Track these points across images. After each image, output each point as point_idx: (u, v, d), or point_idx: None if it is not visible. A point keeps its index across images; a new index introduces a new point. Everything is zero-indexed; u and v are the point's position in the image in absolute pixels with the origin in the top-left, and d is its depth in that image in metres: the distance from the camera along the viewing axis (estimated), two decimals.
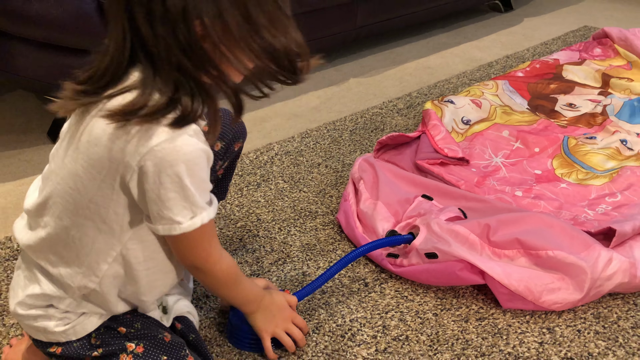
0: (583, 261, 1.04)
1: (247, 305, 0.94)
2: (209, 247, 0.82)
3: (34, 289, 0.83)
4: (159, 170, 0.71)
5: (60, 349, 0.84)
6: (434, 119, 1.51)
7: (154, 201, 0.74)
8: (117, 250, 0.80)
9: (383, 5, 2.05)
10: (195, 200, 0.75)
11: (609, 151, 1.47)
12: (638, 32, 1.95)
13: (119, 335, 0.85)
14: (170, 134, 0.70)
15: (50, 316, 0.83)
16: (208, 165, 0.76)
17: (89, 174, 0.75)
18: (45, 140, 1.65)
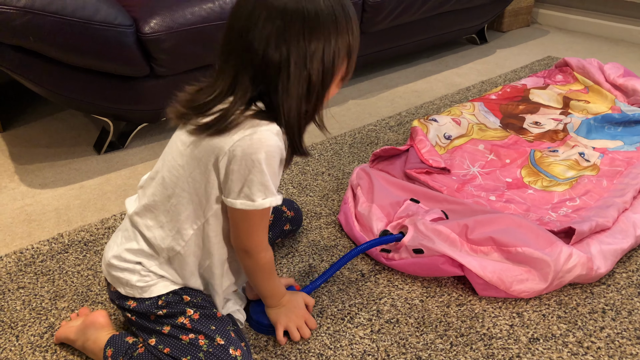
0: (547, 256, 1.03)
1: (271, 298, 0.95)
2: (262, 234, 0.85)
3: (132, 245, 0.88)
4: (246, 155, 0.77)
5: (135, 304, 0.88)
6: (421, 134, 1.50)
7: (238, 180, 0.79)
8: (202, 221, 0.85)
9: (376, 39, 2.05)
10: (268, 184, 0.79)
11: (569, 162, 1.46)
12: (593, 61, 1.93)
13: (183, 301, 0.88)
14: (258, 129, 0.77)
15: (135, 271, 0.88)
16: (280, 164, 0.81)
17: (194, 154, 0.81)
18: (92, 152, 1.65)
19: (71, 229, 1.27)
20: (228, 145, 0.77)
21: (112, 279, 0.90)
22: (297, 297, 0.98)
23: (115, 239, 0.92)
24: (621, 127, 1.64)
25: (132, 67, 1.48)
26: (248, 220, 0.82)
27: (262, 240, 0.86)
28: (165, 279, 0.88)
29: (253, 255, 0.86)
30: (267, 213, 0.83)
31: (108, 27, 1.38)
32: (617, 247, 1.12)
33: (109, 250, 0.91)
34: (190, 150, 0.82)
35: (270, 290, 0.93)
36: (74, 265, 1.16)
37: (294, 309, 0.96)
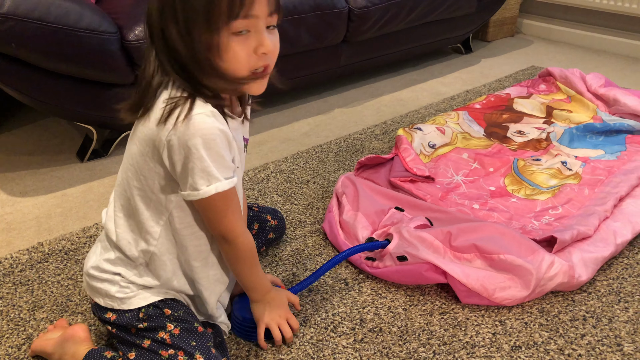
0: (529, 264, 1.04)
1: (255, 292, 0.93)
2: (232, 218, 0.83)
3: (109, 255, 0.87)
4: (181, 143, 0.74)
5: (114, 316, 0.87)
6: (405, 143, 1.51)
7: (180, 170, 0.77)
8: (166, 216, 0.83)
9: (363, 48, 2.06)
10: (210, 170, 0.76)
11: (552, 171, 1.47)
12: (575, 71, 1.96)
13: (164, 315, 0.86)
14: (190, 113, 0.74)
15: (115, 282, 0.86)
16: (228, 145, 0.78)
17: (140, 150, 0.80)
18: (74, 159, 1.64)
19: (52, 238, 1.26)
20: (164, 136, 0.75)
21: (91, 291, 0.89)
22: (282, 295, 0.97)
23: (94, 249, 0.91)
24: (602, 137, 1.66)
25: (116, 75, 1.47)
26: (211, 208, 0.81)
27: (235, 223, 0.83)
28: (146, 289, 0.87)
29: (230, 240, 0.84)
30: (227, 196, 0.80)
31: (92, 34, 1.38)
32: (598, 255, 1.13)
33: (88, 261, 0.90)
34: (135, 147, 0.81)
35: (253, 282, 0.92)
36: (54, 275, 1.14)
37: (277, 308, 0.95)
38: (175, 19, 0.73)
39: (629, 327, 1.00)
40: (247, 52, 0.75)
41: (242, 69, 0.76)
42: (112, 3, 1.61)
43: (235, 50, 0.74)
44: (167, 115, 0.74)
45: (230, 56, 0.75)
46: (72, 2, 1.36)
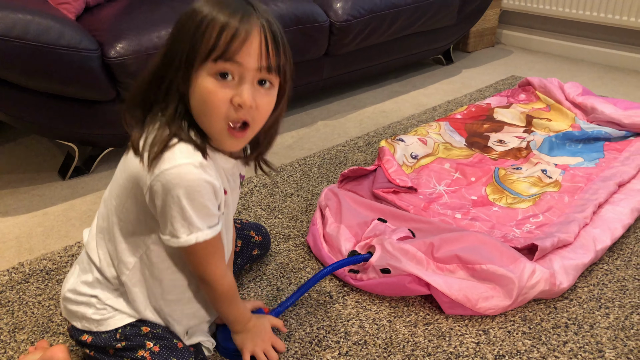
0: (511, 273, 1.05)
1: (236, 324, 0.93)
2: (213, 263, 0.82)
3: (87, 277, 0.87)
4: (165, 190, 0.74)
5: (90, 338, 0.86)
6: (388, 154, 1.52)
7: (161, 215, 0.76)
8: (143, 249, 0.83)
9: (345, 60, 2.08)
10: (192, 221, 0.75)
11: (532, 179, 1.49)
12: (554, 80, 1.99)
13: (142, 333, 0.85)
14: (177, 162, 0.73)
15: (91, 305, 0.86)
16: (214, 196, 0.77)
17: (124, 184, 0.80)
18: (56, 177, 1.62)
19: (33, 258, 1.24)
20: (149, 180, 0.74)
21: (68, 314, 0.88)
22: (264, 320, 0.97)
23: (73, 271, 0.91)
24: (581, 144, 1.69)
25: (97, 91, 1.47)
26: (193, 254, 0.80)
27: (215, 269, 0.83)
28: (122, 312, 0.86)
29: (210, 284, 0.84)
30: (210, 244, 0.79)
31: (73, 52, 1.37)
32: (579, 262, 1.14)
33: (66, 283, 0.89)
34: (122, 179, 0.81)
35: (233, 316, 0.92)
36: (35, 296, 1.13)
37: (260, 333, 0.95)
38: (163, 59, 0.75)
39: (610, 333, 1.01)
40: (224, 97, 0.73)
41: (215, 115, 0.74)
42: (92, 20, 1.61)
43: (210, 90, 0.72)
44: (152, 160, 0.73)
45: (203, 96, 0.73)
46: (52, 20, 1.35)
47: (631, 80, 2.41)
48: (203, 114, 0.75)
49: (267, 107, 0.78)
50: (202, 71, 0.72)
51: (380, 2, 2.02)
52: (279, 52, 0.75)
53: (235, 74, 0.73)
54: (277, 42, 0.75)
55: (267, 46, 0.73)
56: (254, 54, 0.72)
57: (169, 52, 0.75)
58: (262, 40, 0.73)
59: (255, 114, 0.76)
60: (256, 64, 0.73)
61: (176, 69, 0.73)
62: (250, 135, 0.79)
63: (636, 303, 1.08)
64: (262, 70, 0.74)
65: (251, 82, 0.74)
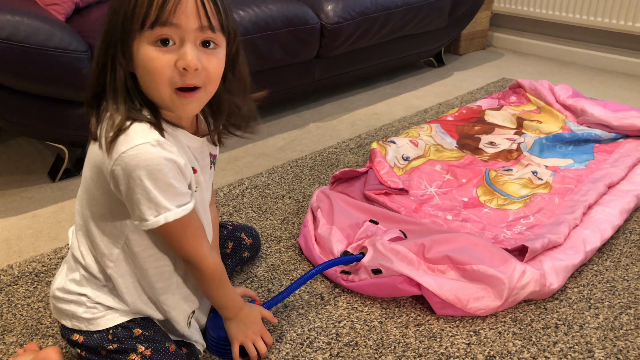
0: (502, 273, 1.06)
1: (227, 310, 0.92)
2: (193, 242, 0.80)
3: (75, 275, 0.86)
4: (126, 174, 0.72)
5: (82, 338, 0.85)
6: (379, 156, 1.52)
7: (127, 200, 0.75)
8: (123, 240, 0.81)
9: (336, 63, 2.08)
10: (158, 201, 0.73)
11: (523, 181, 1.50)
12: (544, 83, 2.01)
13: (133, 336, 0.84)
14: (134, 143, 0.71)
15: (81, 303, 0.85)
16: (179, 174, 0.75)
17: (90, 176, 0.79)
18: (46, 179, 1.61)
19: (22, 260, 1.23)
20: (109, 166, 0.72)
21: (58, 313, 0.87)
22: (255, 311, 0.96)
23: (61, 270, 0.90)
24: (571, 146, 1.70)
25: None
26: (168, 235, 0.78)
27: (197, 247, 0.81)
28: (114, 310, 0.86)
29: (194, 264, 0.83)
30: (183, 222, 0.76)
31: (63, 53, 1.37)
32: (569, 263, 1.15)
33: (55, 282, 0.89)
34: (88, 171, 0.80)
35: (223, 301, 0.90)
36: (24, 298, 1.12)
37: (251, 324, 0.94)
38: (104, 37, 0.73)
39: (599, 333, 1.02)
40: (167, 63, 0.71)
41: (160, 82, 0.72)
42: (82, 21, 1.61)
43: (152, 57, 0.70)
44: (110, 145, 0.72)
45: (147, 66, 0.70)
46: (41, 21, 1.35)
47: (620, 83, 2.43)
48: (149, 83, 0.72)
49: (217, 68, 0.75)
50: (142, 41, 0.70)
51: (371, 5, 2.03)
52: (218, 10, 0.72)
53: (175, 38, 0.70)
54: (215, 0, 0.72)
55: (204, 4, 0.70)
56: (191, 14, 0.70)
57: (107, 30, 0.72)
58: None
59: (205, 77, 0.74)
60: (195, 24, 0.70)
61: (114, 45, 0.71)
62: (203, 96, 0.76)
63: (625, 303, 1.09)
64: (204, 29, 0.71)
65: (193, 43, 0.71)
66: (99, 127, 0.75)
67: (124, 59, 0.72)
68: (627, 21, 2.46)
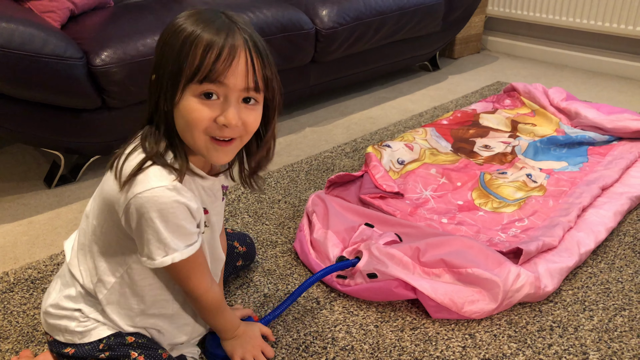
0: (496, 276, 1.06)
1: (224, 332, 0.93)
2: (195, 279, 0.82)
3: (70, 291, 0.86)
4: (139, 214, 0.74)
5: (73, 350, 0.84)
6: (375, 160, 1.53)
7: (137, 237, 0.77)
8: (124, 268, 0.82)
9: (332, 67, 2.09)
10: (167, 242, 0.75)
11: (518, 184, 1.51)
12: (538, 86, 2.02)
13: (126, 343, 0.84)
14: (150, 185, 0.73)
15: (74, 318, 0.85)
16: (190, 216, 0.77)
17: (101, 206, 0.80)
18: (42, 186, 1.61)
19: (17, 267, 1.23)
20: (123, 203, 0.74)
21: (50, 328, 0.87)
22: (253, 327, 0.97)
23: (54, 285, 0.89)
24: (565, 149, 1.71)
25: (83, 100, 1.46)
26: (173, 271, 0.80)
27: (198, 284, 0.83)
28: (105, 324, 0.86)
29: (195, 297, 0.85)
30: (189, 261, 0.79)
31: (58, 60, 1.37)
32: (563, 265, 1.15)
33: (47, 297, 0.88)
34: (100, 201, 0.81)
35: (222, 325, 0.92)
36: (20, 305, 1.12)
37: (250, 340, 0.95)
38: (152, 71, 0.75)
39: (594, 335, 1.02)
40: (207, 116, 0.73)
41: (197, 131, 0.74)
42: (77, 28, 1.61)
43: (193, 109, 0.72)
44: (127, 181, 0.73)
45: (187, 116, 0.73)
46: (36, 28, 1.35)
47: (614, 85, 2.44)
48: (186, 129, 0.74)
49: (254, 123, 0.78)
50: (187, 92, 0.72)
51: (365, 10, 2.04)
52: (264, 68, 0.75)
53: (220, 94, 0.73)
54: (262, 59, 0.74)
55: (254, 65, 0.73)
56: (240, 75, 0.72)
57: (156, 72, 0.75)
58: (248, 59, 0.72)
59: (242, 131, 0.77)
60: (242, 85, 0.73)
61: (163, 89, 0.73)
62: (237, 146, 0.79)
63: (619, 305, 1.10)
64: (249, 90, 0.74)
65: (236, 101, 0.74)
66: (121, 158, 0.76)
67: (167, 103, 0.74)
68: (620, 24, 2.47)
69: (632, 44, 2.52)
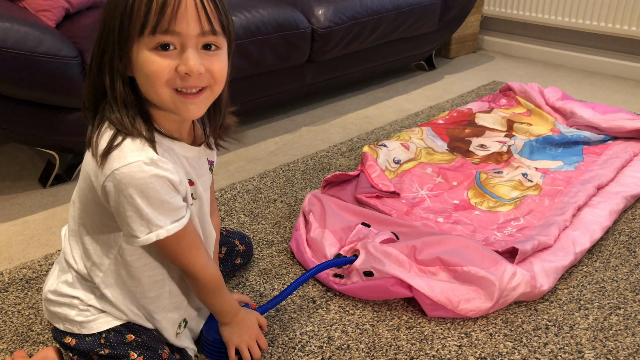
0: (492, 275, 1.06)
1: (223, 315, 0.92)
2: (189, 254, 0.80)
3: (67, 277, 0.85)
4: (117, 190, 0.71)
5: (74, 341, 0.84)
6: (371, 160, 1.53)
7: (117, 215, 0.74)
8: (116, 249, 0.81)
9: (328, 67, 2.09)
10: (150, 218, 0.73)
11: (513, 183, 1.51)
12: (534, 85, 2.02)
13: (126, 342, 0.84)
14: (127, 160, 0.70)
15: (73, 306, 0.84)
16: (172, 190, 0.74)
17: (83, 186, 0.79)
18: (37, 186, 1.60)
19: (12, 267, 1.23)
20: (101, 180, 0.71)
21: (50, 315, 0.87)
22: (251, 315, 0.96)
23: (53, 271, 0.90)
24: (561, 148, 1.71)
25: (78, 99, 1.44)
26: (165, 249, 0.78)
27: (193, 259, 0.81)
28: (107, 313, 0.85)
29: (192, 274, 0.83)
30: (178, 236, 0.76)
31: (52, 59, 1.36)
32: (559, 264, 1.16)
33: (47, 283, 0.88)
34: (82, 181, 0.79)
35: (220, 308, 0.90)
36: (14, 305, 1.11)
37: (247, 329, 0.94)
38: (99, 40, 0.71)
39: (589, 334, 1.02)
40: (167, 66, 0.69)
41: (159, 85, 0.70)
42: (72, 27, 1.60)
43: (151, 62, 0.68)
44: (102, 158, 0.70)
45: (145, 70, 0.69)
46: (31, 27, 1.34)
47: (609, 85, 2.45)
48: (148, 87, 0.71)
49: (220, 70, 0.73)
50: (141, 46, 0.68)
51: (361, 9, 2.04)
52: (219, 12, 0.70)
53: (176, 43, 0.69)
54: (214, 1, 0.70)
55: (205, 8, 0.68)
56: (191, 20, 0.68)
57: (102, 32, 0.71)
58: (197, 1, 0.68)
59: (209, 78, 0.72)
60: (197, 30, 0.69)
61: (111, 49, 0.69)
62: (209, 97, 0.74)
63: (615, 304, 1.10)
64: (206, 34, 0.69)
65: (195, 47, 0.70)
66: (94, 136, 0.73)
67: (121, 63, 0.70)
68: (615, 24, 2.48)
69: (628, 44, 2.53)
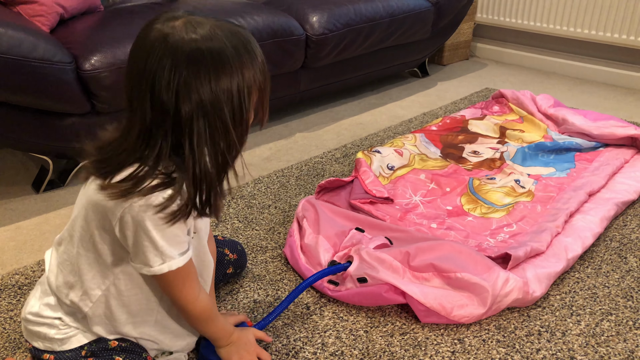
0: (485, 281, 1.06)
1: (218, 340, 0.92)
2: (183, 288, 0.82)
3: (49, 300, 0.85)
4: (135, 223, 0.74)
5: (52, 357, 0.83)
6: (364, 166, 1.53)
7: (133, 245, 0.76)
8: (111, 279, 0.82)
9: (322, 73, 2.09)
10: (164, 250, 0.76)
11: (506, 189, 1.52)
12: (526, 92, 2.03)
13: (109, 347, 0.84)
14: (146, 195, 0.73)
15: (53, 326, 0.84)
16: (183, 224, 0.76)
17: (91, 213, 0.79)
18: (30, 191, 1.59)
19: (4, 273, 1.22)
20: (118, 212, 0.74)
21: (29, 335, 0.86)
22: (247, 332, 0.96)
23: (34, 292, 0.88)
24: (553, 155, 1.72)
25: (72, 105, 1.45)
26: (164, 280, 0.80)
27: (187, 294, 0.82)
28: (87, 332, 0.85)
29: (184, 307, 0.84)
30: (182, 270, 0.79)
31: (47, 64, 1.36)
32: (551, 270, 1.16)
33: (27, 304, 0.87)
34: (87, 210, 0.80)
35: (214, 333, 0.91)
36: (7, 311, 1.10)
37: (244, 345, 0.94)
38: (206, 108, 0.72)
39: (581, 339, 1.03)
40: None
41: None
42: (67, 33, 1.60)
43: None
44: (128, 191, 0.72)
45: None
46: (25, 32, 1.34)
47: (600, 92, 2.47)
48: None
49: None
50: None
51: (355, 16, 2.05)
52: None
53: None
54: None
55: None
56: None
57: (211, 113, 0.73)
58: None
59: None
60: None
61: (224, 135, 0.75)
62: None
63: (606, 310, 1.11)
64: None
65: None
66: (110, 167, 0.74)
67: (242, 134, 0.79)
68: (606, 32, 2.50)
69: (619, 52, 2.55)
